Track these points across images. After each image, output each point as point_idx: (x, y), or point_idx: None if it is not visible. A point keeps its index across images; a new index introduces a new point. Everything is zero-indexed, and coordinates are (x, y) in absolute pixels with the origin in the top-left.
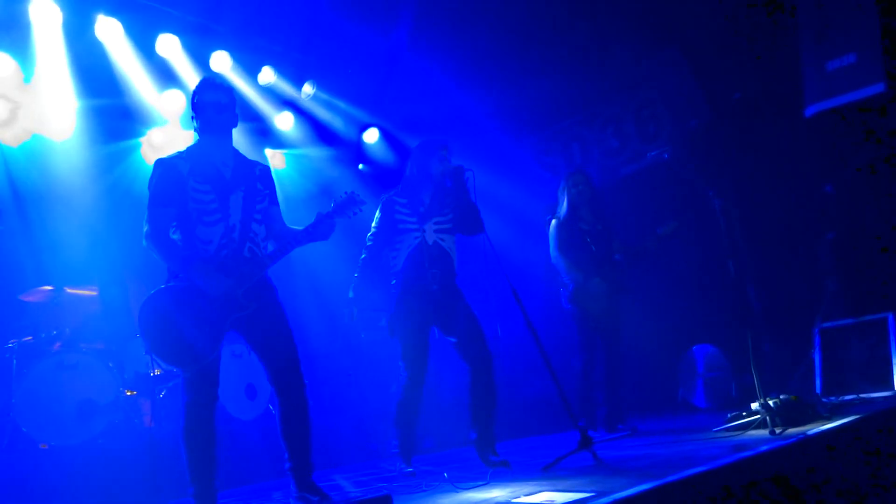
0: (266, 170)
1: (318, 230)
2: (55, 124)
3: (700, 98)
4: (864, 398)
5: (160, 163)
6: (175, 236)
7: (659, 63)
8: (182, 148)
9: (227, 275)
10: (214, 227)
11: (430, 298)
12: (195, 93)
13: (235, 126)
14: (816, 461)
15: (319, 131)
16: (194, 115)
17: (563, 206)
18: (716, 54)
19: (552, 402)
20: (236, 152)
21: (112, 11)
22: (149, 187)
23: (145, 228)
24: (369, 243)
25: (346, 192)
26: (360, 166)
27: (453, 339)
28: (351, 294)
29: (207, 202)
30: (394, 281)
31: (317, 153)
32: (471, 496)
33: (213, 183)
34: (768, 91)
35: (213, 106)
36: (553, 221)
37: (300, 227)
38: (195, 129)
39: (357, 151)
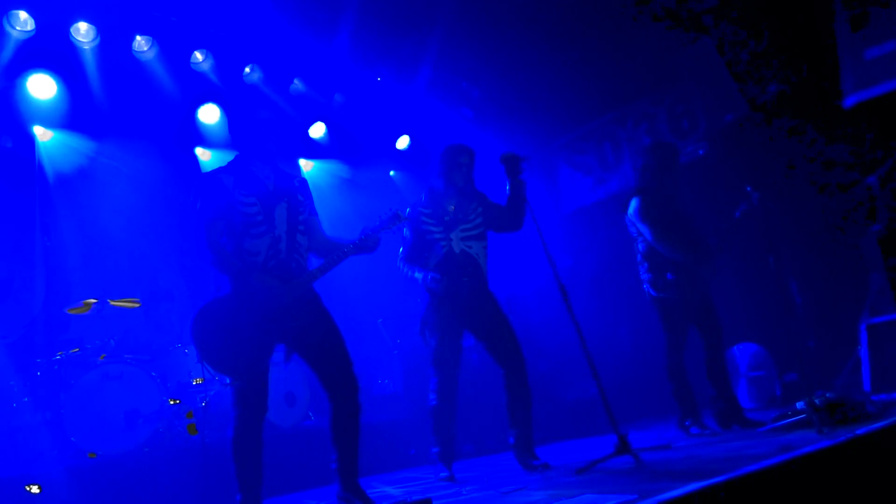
0: (304, 181)
1: (365, 244)
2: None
3: (735, 91)
4: None
5: (205, 177)
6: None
7: (692, 57)
8: (224, 163)
9: (280, 282)
10: (261, 238)
11: (460, 304)
12: (242, 111)
13: (277, 143)
14: (866, 461)
15: (351, 139)
16: (239, 131)
17: (649, 180)
18: (749, 46)
19: (596, 404)
20: (275, 165)
21: (148, 31)
22: (197, 202)
23: (205, 239)
24: (402, 256)
25: (390, 209)
26: (391, 173)
27: (485, 343)
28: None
29: (253, 214)
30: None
31: (348, 161)
32: (511, 500)
33: (259, 195)
34: (805, 82)
35: (260, 125)
36: (638, 198)
37: (328, 236)
38: (240, 145)
39: (389, 158)
